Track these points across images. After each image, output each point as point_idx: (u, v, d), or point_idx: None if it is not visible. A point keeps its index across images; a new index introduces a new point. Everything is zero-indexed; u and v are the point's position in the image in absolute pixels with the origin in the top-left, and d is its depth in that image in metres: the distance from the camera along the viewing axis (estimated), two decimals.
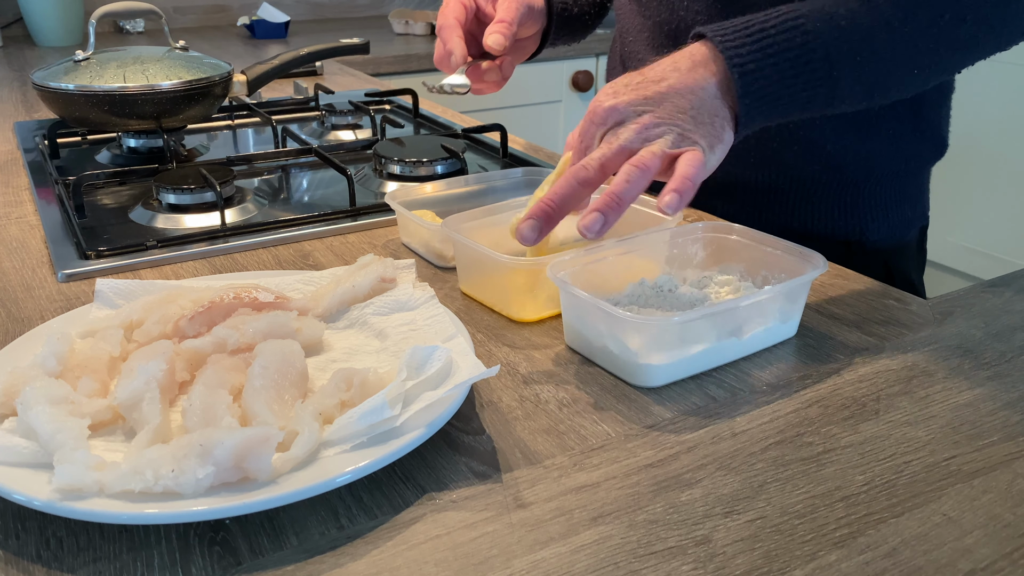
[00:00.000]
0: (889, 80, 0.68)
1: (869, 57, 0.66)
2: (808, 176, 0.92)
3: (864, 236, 0.93)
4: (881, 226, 0.94)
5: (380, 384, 0.53)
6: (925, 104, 0.90)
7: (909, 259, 0.98)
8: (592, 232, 0.59)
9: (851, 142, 0.89)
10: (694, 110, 0.63)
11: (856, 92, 0.68)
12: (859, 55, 0.66)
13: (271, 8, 2.28)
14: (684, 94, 0.63)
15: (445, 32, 0.82)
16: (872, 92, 0.69)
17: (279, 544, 0.45)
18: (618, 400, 0.58)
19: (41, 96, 1.05)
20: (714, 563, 0.44)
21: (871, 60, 0.66)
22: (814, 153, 0.90)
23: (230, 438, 0.46)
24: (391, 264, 0.68)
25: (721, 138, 0.63)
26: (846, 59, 0.66)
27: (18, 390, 0.51)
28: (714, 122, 0.63)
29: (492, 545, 0.45)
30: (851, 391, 0.59)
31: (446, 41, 0.81)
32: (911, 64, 0.68)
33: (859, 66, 0.66)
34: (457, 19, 0.83)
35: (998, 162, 2.53)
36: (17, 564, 0.44)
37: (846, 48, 0.65)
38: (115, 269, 0.78)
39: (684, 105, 0.63)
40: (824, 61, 0.65)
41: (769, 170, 0.92)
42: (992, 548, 0.45)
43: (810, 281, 0.65)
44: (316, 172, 1.07)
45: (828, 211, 0.93)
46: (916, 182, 0.96)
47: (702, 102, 0.63)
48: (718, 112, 0.64)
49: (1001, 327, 0.68)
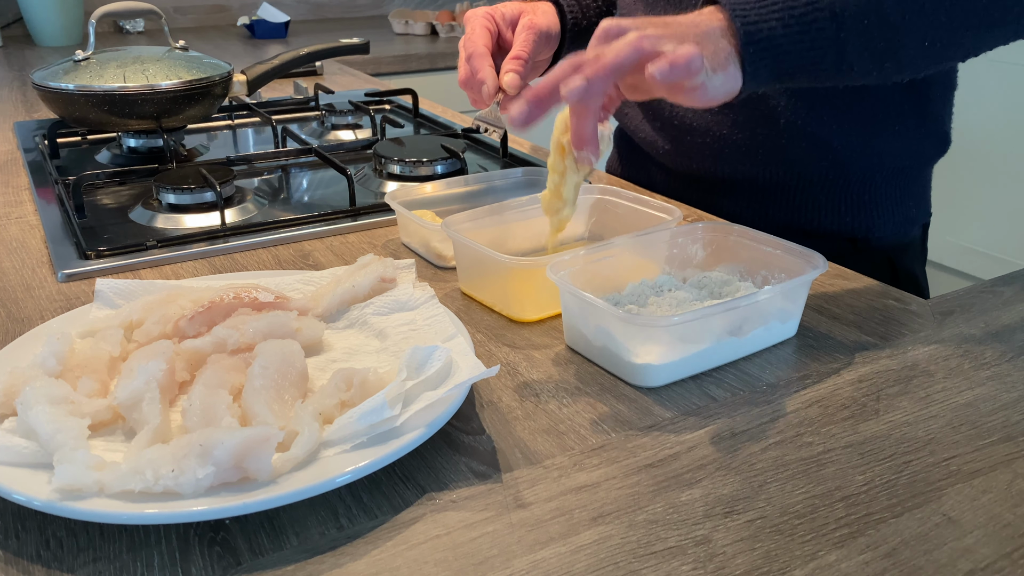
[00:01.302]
0: (900, 51, 0.68)
1: (877, 22, 0.66)
2: (815, 173, 0.92)
3: (870, 233, 0.94)
4: (887, 223, 0.94)
5: (380, 384, 0.53)
6: (931, 100, 0.91)
7: (913, 256, 0.99)
8: (573, 94, 0.58)
9: (858, 139, 0.89)
10: (700, 36, 0.63)
11: (865, 60, 0.68)
12: (867, 18, 0.66)
13: (271, 8, 2.28)
14: (689, 26, 0.64)
15: (476, 60, 0.78)
16: (883, 61, 0.69)
17: (279, 544, 0.45)
18: (618, 400, 0.58)
19: (41, 96, 1.05)
20: (714, 563, 0.44)
21: (879, 25, 0.66)
22: (821, 150, 0.90)
23: (230, 438, 0.46)
24: (391, 264, 0.68)
25: (725, 67, 0.63)
26: (853, 20, 0.65)
27: (18, 390, 0.51)
28: (719, 52, 0.63)
29: (492, 545, 0.45)
30: (851, 391, 0.59)
31: (477, 70, 0.78)
32: (923, 36, 0.68)
33: (867, 30, 0.66)
34: (487, 46, 0.80)
35: (998, 162, 2.53)
36: (17, 564, 0.44)
37: (853, 9, 0.65)
38: (115, 269, 0.78)
39: (689, 32, 0.63)
40: (831, 20, 0.65)
41: (776, 167, 0.93)
42: (992, 548, 0.45)
43: (810, 281, 0.65)
44: (316, 172, 1.07)
45: (835, 208, 0.93)
46: (920, 179, 0.97)
47: (708, 35, 0.63)
48: (724, 47, 0.64)
49: (1001, 327, 0.68)
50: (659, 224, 0.74)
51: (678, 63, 0.58)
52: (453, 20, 2.41)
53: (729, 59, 0.64)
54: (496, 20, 0.84)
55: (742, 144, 0.91)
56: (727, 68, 0.63)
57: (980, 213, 2.60)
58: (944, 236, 2.69)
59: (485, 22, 0.82)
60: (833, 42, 0.66)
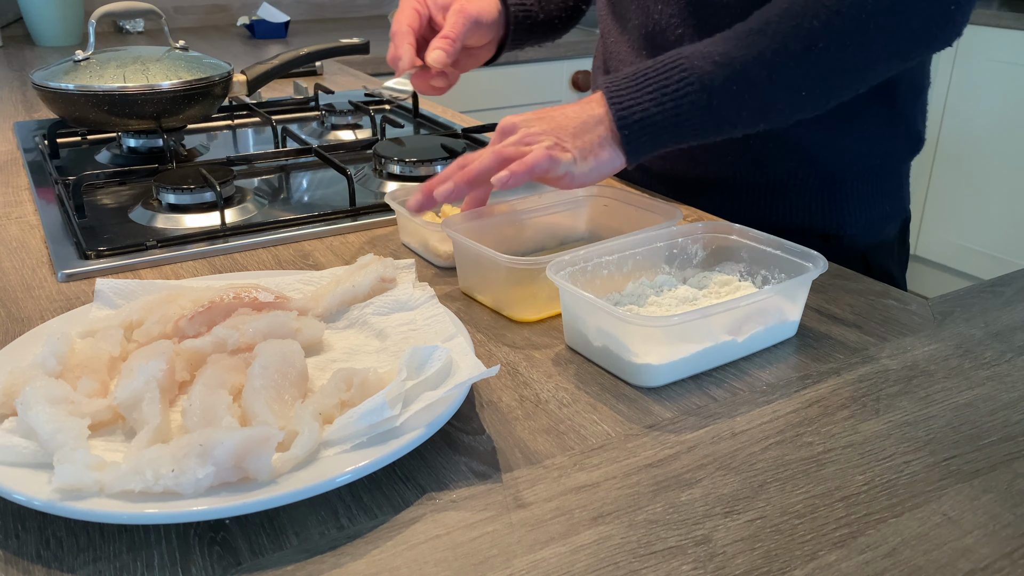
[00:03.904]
0: (778, 104, 0.76)
1: (746, 86, 0.73)
2: (785, 172, 0.93)
3: (842, 230, 0.95)
4: (859, 220, 0.95)
5: (380, 384, 0.53)
6: (898, 100, 0.91)
7: (888, 254, 0.99)
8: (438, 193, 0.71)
9: (825, 137, 0.90)
10: (576, 129, 0.74)
11: (744, 117, 0.76)
12: (735, 84, 0.73)
13: (271, 8, 2.28)
14: (572, 118, 0.75)
15: (398, 38, 0.87)
16: (765, 115, 0.77)
17: (279, 544, 0.45)
18: (618, 400, 0.58)
19: (41, 96, 1.05)
20: (714, 563, 0.44)
21: (748, 88, 0.74)
22: (790, 149, 0.91)
23: (230, 438, 0.46)
24: (391, 264, 0.68)
25: (597, 154, 0.74)
26: (722, 88, 0.73)
27: (18, 390, 0.51)
28: (593, 141, 0.74)
29: (492, 545, 0.45)
30: (851, 391, 0.59)
31: (397, 47, 0.87)
32: (798, 88, 0.75)
33: (737, 95, 0.74)
34: (410, 25, 0.88)
35: (998, 162, 2.53)
36: (17, 564, 0.44)
37: (720, 79, 0.73)
38: (115, 269, 0.78)
39: (568, 125, 0.74)
40: (701, 92, 0.73)
41: (747, 167, 0.94)
42: (992, 548, 0.45)
43: (810, 281, 0.65)
44: (316, 172, 1.07)
45: (806, 206, 0.94)
46: (894, 177, 0.98)
47: (585, 125, 0.75)
48: (600, 134, 0.75)
49: (1001, 327, 0.68)
50: (659, 224, 0.74)
51: (518, 171, 0.70)
52: None
53: (604, 144, 0.75)
54: (428, 3, 0.91)
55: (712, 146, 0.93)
56: (600, 154, 0.75)
57: (980, 213, 2.60)
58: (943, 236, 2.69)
59: (415, 3, 0.90)
60: (706, 110, 0.74)
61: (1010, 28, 2.43)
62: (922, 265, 2.79)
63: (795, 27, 0.72)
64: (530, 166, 0.70)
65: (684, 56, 0.75)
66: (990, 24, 2.46)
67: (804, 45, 0.72)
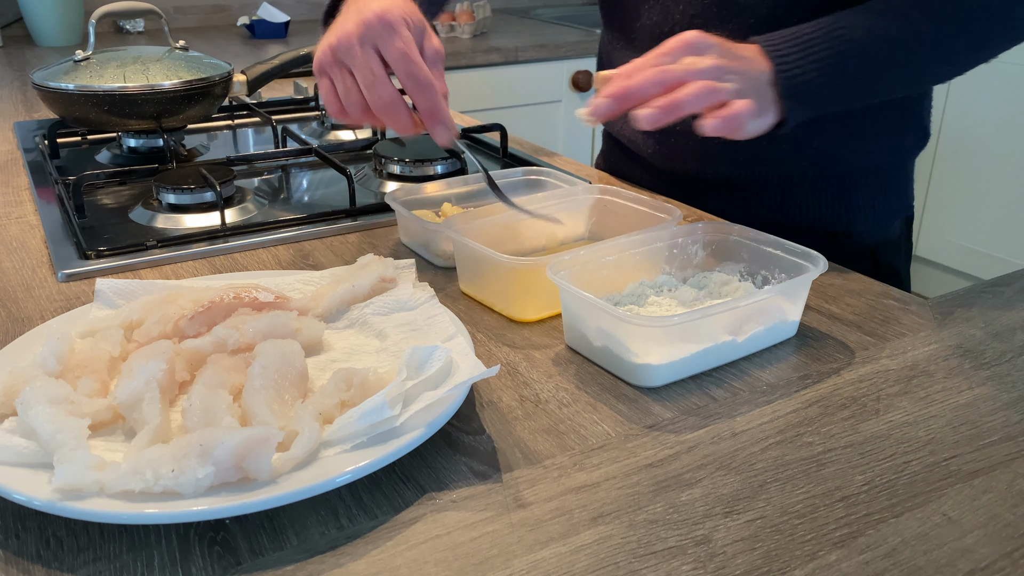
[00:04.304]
0: (923, 77, 0.81)
1: (904, 60, 0.76)
2: (796, 172, 0.93)
3: (851, 227, 0.95)
4: (868, 217, 0.95)
5: (380, 384, 0.53)
6: (909, 97, 0.92)
7: (895, 251, 0.99)
8: (647, 120, 0.66)
9: (838, 139, 0.90)
10: (757, 82, 0.72)
11: (892, 88, 0.80)
12: (894, 62, 0.76)
13: (271, 8, 2.28)
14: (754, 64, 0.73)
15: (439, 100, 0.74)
16: (909, 86, 0.82)
17: (279, 544, 0.45)
18: (618, 400, 0.58)
19: (41, 96, 1.05)
20: (714, 563, 0.44)
21: (907, 64, 0.77)
22: (802, 151, 0.91)
23: (230, 438, 0.46)
24: (391, 264, 0.68)
25: (765, 113, 0.72)
26: (883, 65, 0.75)
27: (18, 390, 0.51)
28: (764, 99, 0.72)
29: (492, 545, 0.45)
30: (851, 391, 0.59)
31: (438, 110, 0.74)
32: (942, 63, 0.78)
33: (895, 68, 0.77)
34: None
35: (998, 162, 2.53)
36: (17, 564, 0.44)
37: (884, 53, 0.75)
38: (115, 269, 0.78)
39: (752, 74, 0.72)
40: (864, 66, 0.75)
41: (757, 166, 0.93)
42: (992, 548, 0.45)
43: (810, 281, 0.65)
44: (316, 172, 1.07)
45: (815, 204, 0.94)
46: (901, 173, 0.98)
47: (760, 81, 0.72)
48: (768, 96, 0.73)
49: (1001, 327, 0.68)
50: (659, 224, 0.74)
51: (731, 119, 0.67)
52: (453, 20, 2.41)
53: (771, 105, 0.73)
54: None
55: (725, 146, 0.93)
56: (766, 114, 0.73)
57: (980, 213, 2.60)
58: (944, 236, 2.69)
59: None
60: (865, 82, 0.76)
61: None
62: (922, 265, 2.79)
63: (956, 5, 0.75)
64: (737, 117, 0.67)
65: (844, 27, 0.75)
66: None
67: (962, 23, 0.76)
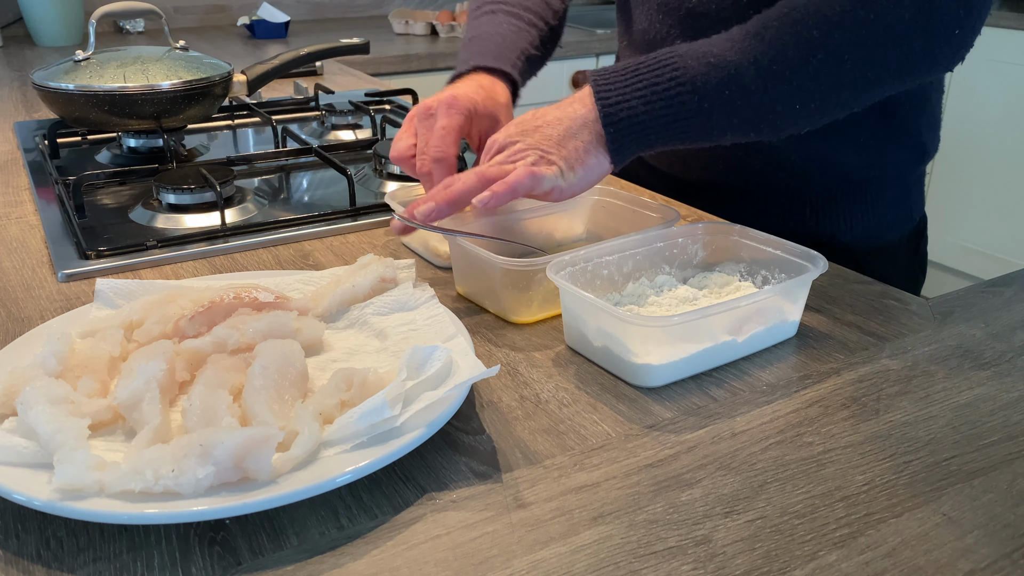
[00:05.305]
0: (770, 114, 0.71)
1: (739, 92, 0.69)
2: (777, 182, 0.92)
3: (835, 239, 0.93)
4: (854, 229, 0.93)
5: (380, 384, 0.53)
6: (899, 113, 0.89)
7: (889, 261, 0.97)
8: (419, 213, 0.69)
9: (817, 151, 0.89)
10: (561, 136, 0.71)
11: (735, 125, 0.71)
12: (728, 88, 0.69)
13: (271, 8, 2.28)
14: (555, 125, 0.72)
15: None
16: (757, 125, 0.72)
17: (279, 544, 0.45)
18: (618, 400, 0.58)
19: (41, 96, 1.05)
20: (714, 563, 0.44)
21: (742, 94, 0.69)
22: (780, 162, 0.90)
23: (230, 438, 0.46)
24: (391, 264, 0.68)
25: (584, 161, 0.70)
26: (714, 92, 0.69)
27: (18, 390, 0.51)
28: (578, 148, 0.71)
29: (492, 545, 0.45)
30: (851, 391, 0.59)
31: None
32: (792, 100, 0.70)
33: (730, 99, 0.70)
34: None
35: (998, 162, 2.53)
36: (17, 564, 0.44)
37: (714, 82, 0.69)
38: (115, 269, 0.78)
39: (552, 134, 0.71)
40: (692, 94, 0.69)
41: (739, 175, 0.93)
42: (992, 548, 0.45)
43: (810, 281, 0.65)
44: (316, 172, 1.07)
45: (799, 214, 0.93)
46: (896, 187, 0.95)
47: (569, 131, 0.71)
48: (584, 139, 0.71)
49: (1001, 327, 0.68)
50: (659, 224, 0.74)
51: (500, 191, 0.67)
52: (453, 20, 2.41)
53: (589, 150, 0.71)
54: None
55: (703, 154, 0.92)
56: (587, 160, 0.71)
57: (980, 213, 2.60)
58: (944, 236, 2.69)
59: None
60: (697, 113, 0.70)
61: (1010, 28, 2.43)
62: None
63: (794, 35, 0.69)
64: (512, 186, 0.67)
65: (677, 55, 0.71)
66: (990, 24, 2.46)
67: (802, 55, 0.69)
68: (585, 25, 2.49)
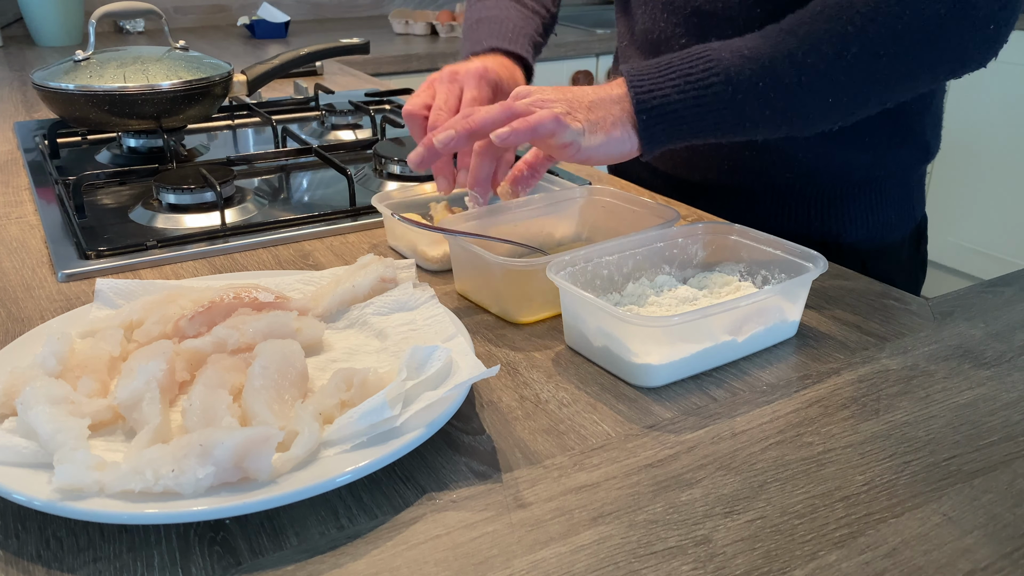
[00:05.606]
0: (803, 108, 0.71)
1: (773, 84, 0.69)
2: (782, 183, 0.92)
3: (840, 239, 0.94)
4: (859, 229, 0.94)
5: (380, 384, 0.53)
6: (905, 112, 0.89)
7: (893, 260, 0.98)
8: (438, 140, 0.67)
9: (824, 152, 0.89)
10: (592, 103, 0.70)
11: (767, 118, 0.71)
12: (761, 81, 0.69)
13: (271, 8, 2.28)
14: (588, 94, 0.71)
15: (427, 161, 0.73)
16: (790, 120, 0.72)
17: (279, 544, 0.45)
18: (618, 400, 0.58)
19: (41, 96, 1.05)
20: (714, 563, 0.44)
21: (775, 87, 0.69)
22: (787, 162, 0.90)
23: (230, 438, 0.46)
24: (391, 264, 0.68)
25: (609, 131, 0.69)
26: (748, 84, 0.69)
27: (18, 390, 0.51)
28: (607, 117, 0.70)
29: (492, 545, 0.45)
30: (851, 391, 0.59)
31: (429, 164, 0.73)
32: (824, 94, 0.70)
33: (763, 92, 0.69)
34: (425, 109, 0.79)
35: (998, 162, 2.53)
36: (17, 564, 0.44)
37: (748, 73, 0.69)
38: (115, 269, 0.78)
39: (583, 98, 0.70)
40: (725, 84, 0.69)
41: (744, 176, 0.93)
42: (992, 548, 0.45)
43: (810, 281, 0.65)
44: (316, 172, 1.07)
45: (804, 214, 0.93)
46: (899, 186, 0.95)
47: (602, 101, 0.70)
48: (616, 113, 0.70)
49: (1001, 327, 0.68)
50: (659, 224, 0.74)
51: (520, 128, 0.66)
52: (453, 20, 2.41)
53: (618, 123, 0.70)
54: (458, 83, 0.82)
55: (709, 154, 0.92)
56: (612, 131, 0.70)
57: (980, 213, 2.60)
58: (944, 236, 2.69)
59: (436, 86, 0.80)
60: (730, 104, 0.70)
61: None
62: None
63: (828, 30, 0.69)
64: (533, 125, 0.66)
65: (711, 48, 0.71)
66: None
67: (836, 50, 0.68)
68: (585, 25, 2.49)
